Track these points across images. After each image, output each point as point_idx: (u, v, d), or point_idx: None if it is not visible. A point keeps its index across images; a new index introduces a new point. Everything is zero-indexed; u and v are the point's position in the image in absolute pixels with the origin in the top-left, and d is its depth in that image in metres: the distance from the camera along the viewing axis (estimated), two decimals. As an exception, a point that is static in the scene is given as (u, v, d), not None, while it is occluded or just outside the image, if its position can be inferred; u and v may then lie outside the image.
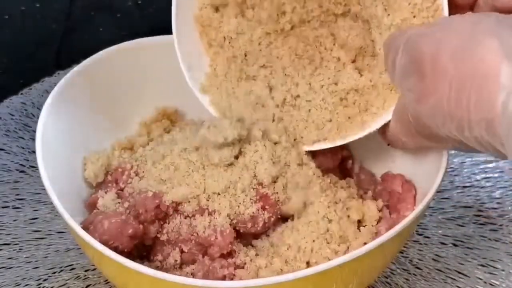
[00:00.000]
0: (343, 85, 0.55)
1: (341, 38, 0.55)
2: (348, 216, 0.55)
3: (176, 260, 0.54)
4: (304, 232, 0.53)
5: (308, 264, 0.52)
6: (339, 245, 0.53)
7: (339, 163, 0.60)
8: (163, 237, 0.55)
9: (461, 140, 0.45)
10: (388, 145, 0.54)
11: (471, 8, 0.50)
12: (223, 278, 0.52)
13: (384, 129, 0.53)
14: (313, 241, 0.53)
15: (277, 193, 0.54)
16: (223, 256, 0.54)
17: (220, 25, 0.58)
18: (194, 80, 0.58)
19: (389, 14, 0.52)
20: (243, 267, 0.53)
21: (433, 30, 0.45)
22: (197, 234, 0.54)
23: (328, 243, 0.53)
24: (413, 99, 0.46)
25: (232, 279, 0.52)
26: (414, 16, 0.51)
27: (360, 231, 0.54)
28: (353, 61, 0.56)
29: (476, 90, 0.42)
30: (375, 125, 0.53)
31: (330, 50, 0.56)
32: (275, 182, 0.54)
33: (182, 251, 0.55)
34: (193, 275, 0.53)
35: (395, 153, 0.60)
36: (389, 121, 0.52)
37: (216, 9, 0.58)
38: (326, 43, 0.56)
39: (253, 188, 0.54)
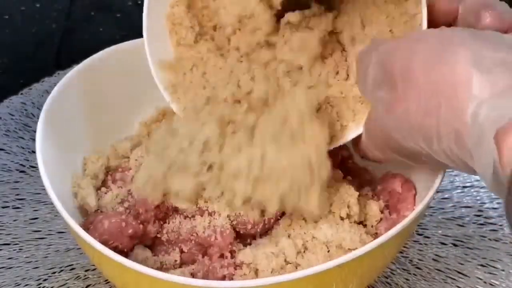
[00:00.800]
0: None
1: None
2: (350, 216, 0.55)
3: (176, 260, 0.54)
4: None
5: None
6: (340, 244, 0.53)
7: (338, 163, 0.60)
8: (163, 237, 0.55)
9: (431, 155, 0.45)
10: (362, 157, 0.53)
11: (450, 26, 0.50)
12: (223, 278, 0.52)
13: (357, 140, 0.52)
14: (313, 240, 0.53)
15: None
16: (223, 256, 0.54)
17: (192, 25, 0.57)
18: (162, 78, 0.57)
19: (365, 26, 0.52)
20: (243, 267, 0.53)
21: (407, 41, 0.45)
22: (197, 234, 0.54)
23: (329, 243, 0.53)
24: (383, 110, 0.46)
25: (232, 279, 0.52)
26: (391, 30, 0.51)
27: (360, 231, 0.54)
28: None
29: (446, 100, 0.41)
30: (345, 138, 0.53)
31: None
32: None
33: (182, 251, 0.55)
34: (193, 275, 0.53)
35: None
36: (361, 133, 0.52)
37: (188, 7, 0.57)
38: None
39: None
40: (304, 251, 0.53)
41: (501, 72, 0.40)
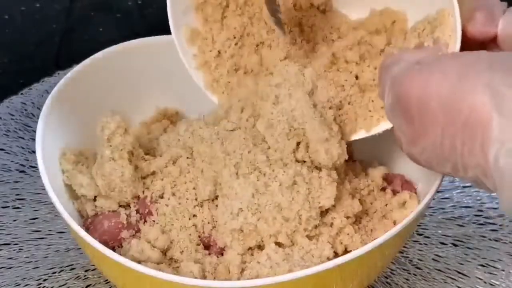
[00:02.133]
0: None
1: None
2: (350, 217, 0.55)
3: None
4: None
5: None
6: (341, 244, 0.53)
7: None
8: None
9: None
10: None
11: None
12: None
13: None
14: (313, 238, 0.53)
15: None
16: (222, 254, 0.54)
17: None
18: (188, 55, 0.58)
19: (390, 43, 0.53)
20: (241, 267, 0.53)
21: (420, 69, 0.43)
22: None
23: (331, 245, 0.53)
24: (404, 140, 0.46)
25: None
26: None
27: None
28: None
29: (469, 140, 0.41)
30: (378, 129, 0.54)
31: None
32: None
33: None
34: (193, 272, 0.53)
35: (395, 153, 0.60)
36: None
37: None
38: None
39: None
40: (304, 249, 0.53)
41: None
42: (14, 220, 0.66)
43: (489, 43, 0.47)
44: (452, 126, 0.41)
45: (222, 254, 0.54)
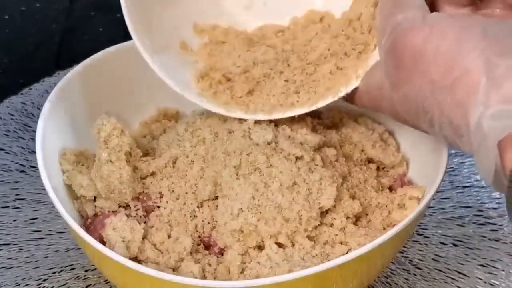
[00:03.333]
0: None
1: None
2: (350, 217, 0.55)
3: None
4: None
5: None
6: (341, 244, 0.53)
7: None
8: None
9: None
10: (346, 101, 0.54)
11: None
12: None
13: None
14: (313, 239, 0.53)
15: None
16: (222, 254, 0.54)
17: None
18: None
19: None
20: (242, 268, 0.53)
21: (421, 26, 0.46)
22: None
23: (332, 246, 0.53)
24: (390, 84, 0.48)
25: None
26: None
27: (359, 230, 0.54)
28: None
29: (453, 98, 0.43)
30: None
31: None
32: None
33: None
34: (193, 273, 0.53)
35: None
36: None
37: None
38: None
39: None
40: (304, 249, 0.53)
41: (508, 81, 0.41)
42: (14, 220, 0.66)
43: None
44: (441, 81, 0.44)
45: (222, 254, 0.54)
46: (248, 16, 0.60)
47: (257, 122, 0.56)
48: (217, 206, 0.55)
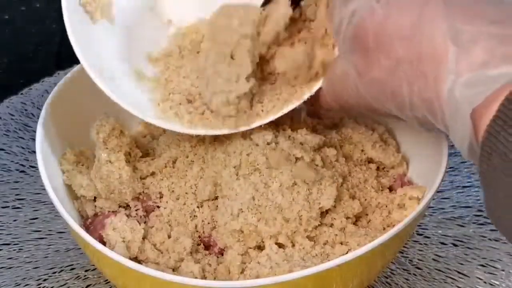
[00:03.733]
0: None
1: None
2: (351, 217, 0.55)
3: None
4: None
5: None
6: (341, 244, 0.53)
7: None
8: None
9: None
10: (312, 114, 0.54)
11: None
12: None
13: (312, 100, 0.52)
14: (313, 239, 0.53)
15: None
16: (222, 254, 0.54)
17: None
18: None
19: None
20: (242, 268, 0.53)
21: (377, 7, 0.44)
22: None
23: (332, 246, 0.53)
24: (356, 73, 0.47)
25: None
26: None
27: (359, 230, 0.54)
28: None
29: (422, 74, 0.42)
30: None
31: None
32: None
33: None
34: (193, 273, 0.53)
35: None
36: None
37: None
38: None
39: None
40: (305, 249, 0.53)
41: (476, 47, 0.40)
42: (14, 220, 0.66)
43: None
44: (408, 59, 0.43)
45: (222, 254, 0.54)
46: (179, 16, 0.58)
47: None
48: (217, 206, 0.55)
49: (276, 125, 0.56)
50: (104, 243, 0.52)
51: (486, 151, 0.37)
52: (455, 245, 0.64)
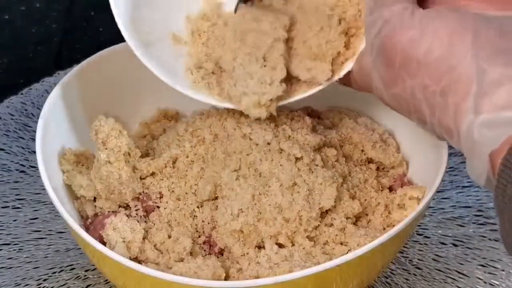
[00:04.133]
0: None
1: None
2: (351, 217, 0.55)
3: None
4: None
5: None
6: (341, 244, 0.53)
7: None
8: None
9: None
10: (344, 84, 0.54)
11: None
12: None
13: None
14: (313, 239, 0.53)
15: None
16: (222, 253, 0.54)
17: None
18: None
19: None
20: (242, 268, 0.53)
21: (410, 25, 0.45)
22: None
23: (332, 246, 0.53)
24: (381, 83, 0.47)
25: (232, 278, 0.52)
26: None
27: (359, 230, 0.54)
28: None
29: (444, 103, 0.43)
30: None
31: None
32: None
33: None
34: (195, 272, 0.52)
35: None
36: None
37: None
38: None
39: None
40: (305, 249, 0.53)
41: (500, 89, 0.41)
42: (14, 220, 0.66)
43: None
44: (432, 86, 0.43)
45: (222, 254, 0.54)
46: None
47: (257, 121, 0.56)
48: (217, 206, 0.55)
49: (276, 125, 0.56)
50: (104, 243, 0.52)
51: (502, 183, 0.39)
52: (455, 245, 0.64)
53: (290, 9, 0.54)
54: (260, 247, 0.53)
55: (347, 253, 0.51)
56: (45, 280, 0.61)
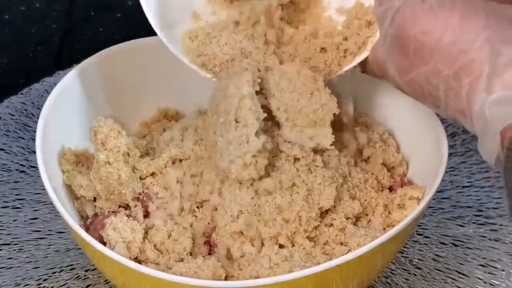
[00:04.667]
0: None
1: None
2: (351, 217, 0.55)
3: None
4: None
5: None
6: (341, 244, 0.53)
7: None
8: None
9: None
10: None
11: None
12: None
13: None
14: (313, 239, 0.53)
15: None
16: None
17: None
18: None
19: None
20: (242, 268, 0.53)
21: (422, 13, 0.46)
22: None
23: (332, 246, 0.53)
24: (396, 70, 0.48)
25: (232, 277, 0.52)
26: None
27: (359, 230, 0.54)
28: None
29: (457, 85, 0.44)
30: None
31: None
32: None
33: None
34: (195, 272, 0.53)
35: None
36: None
37: None
38: None
39: None
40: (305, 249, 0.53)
41: (510, 69, 0.42)
42: (14, 220, 0.66)
43: None
44: (446, 70, 0.44)
45: (222, 255, 0.54)
46: None
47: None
48: (216, 208, 0.55)
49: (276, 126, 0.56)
50: (104, 243, 0.52)
51: (510, 156, 0.40)
52: (455, 245, 0.64)
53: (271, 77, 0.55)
54: (260, 247, 0.53)
55: (347, 253, 0.51)
56: (45, 280, 0.61)
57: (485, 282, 0.61)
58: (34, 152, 0.55)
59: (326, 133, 0.54)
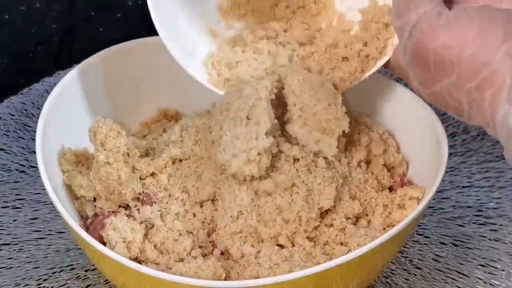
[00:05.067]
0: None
1: None
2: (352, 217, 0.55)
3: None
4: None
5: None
6: (341, 244, 0.53)
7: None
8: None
9: None
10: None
11: None
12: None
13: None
14: (313, 239, 0.53)
15: None
16: (223, 254, 0.54)
17: None
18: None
19: None
20: (242, 268, 0.53)
21: (439, 27, 0.46)
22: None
23: (332, 246, 0.53)
24: (418, 83, 0.49)
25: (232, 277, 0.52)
26: None
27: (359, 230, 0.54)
28: None
29: (480, 97, 0.45)
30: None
31: None
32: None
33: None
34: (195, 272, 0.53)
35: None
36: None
37: None
38: None
39: None
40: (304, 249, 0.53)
41: None
42: (14, 220, 0.66)
43: None
44: (467, 83, 0.45)
45: (222, 254, 0.54)
46: None
47: None
48: (216, 208, 0.55)
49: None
50: (104, 243, 0.52)
51: None
52: (455, 245, 0.64)
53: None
54: (260, 247, 0.53)
55: (347, 253, 0.52)
56: (45, 280, 0.61)
57: (485, 282, 0.61)
58: (34, 152, 0.55)
59: (331, 143, 0.54)
